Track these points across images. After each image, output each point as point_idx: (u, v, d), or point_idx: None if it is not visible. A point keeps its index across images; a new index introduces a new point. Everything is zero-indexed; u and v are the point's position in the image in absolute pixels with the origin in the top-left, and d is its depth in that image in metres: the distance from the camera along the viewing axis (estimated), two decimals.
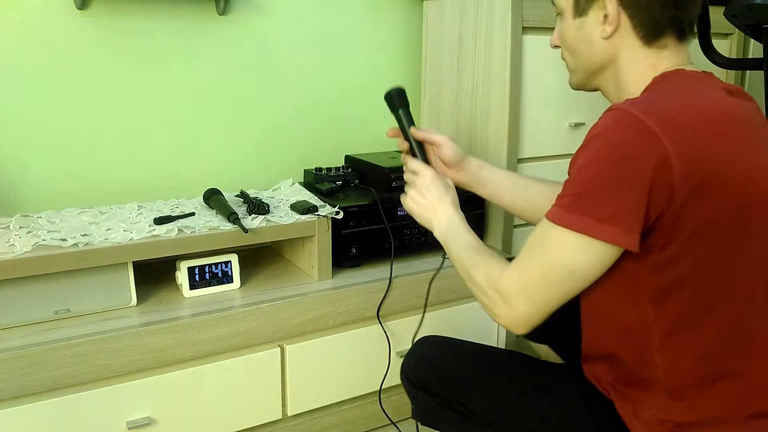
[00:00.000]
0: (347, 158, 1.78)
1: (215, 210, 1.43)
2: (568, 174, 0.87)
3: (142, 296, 1.36)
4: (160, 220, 1.35)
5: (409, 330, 1.53)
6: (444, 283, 1.55)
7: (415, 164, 1.15)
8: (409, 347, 1.53)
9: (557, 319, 1.28)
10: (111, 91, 1.56)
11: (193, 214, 1.43)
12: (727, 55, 1.77)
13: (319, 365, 1.43)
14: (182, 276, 1.37)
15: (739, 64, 1.75)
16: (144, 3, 1.55)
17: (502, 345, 1.69)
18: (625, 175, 0.78)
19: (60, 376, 1.16)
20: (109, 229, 1.32)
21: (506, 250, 1.68)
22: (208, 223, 1.37)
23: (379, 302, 1.47)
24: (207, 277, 1.40)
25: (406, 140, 1.21)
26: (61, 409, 1.17)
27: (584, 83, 1.00)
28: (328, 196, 1.56)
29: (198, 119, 1.68)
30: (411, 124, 1.21)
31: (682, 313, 0.84)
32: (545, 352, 1.33)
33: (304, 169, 1.72)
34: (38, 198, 1.52)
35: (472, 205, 1.66)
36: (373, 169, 1.63)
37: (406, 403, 1.58)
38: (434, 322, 1.56)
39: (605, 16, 0.90)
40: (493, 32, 1.60)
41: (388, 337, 1.49)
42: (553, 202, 0.99)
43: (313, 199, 1.52)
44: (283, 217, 1.42)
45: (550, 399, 0.98)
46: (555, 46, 1.03)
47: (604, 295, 0.90)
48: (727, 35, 1.98)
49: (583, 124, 1.73)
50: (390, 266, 1.51)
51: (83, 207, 1.51)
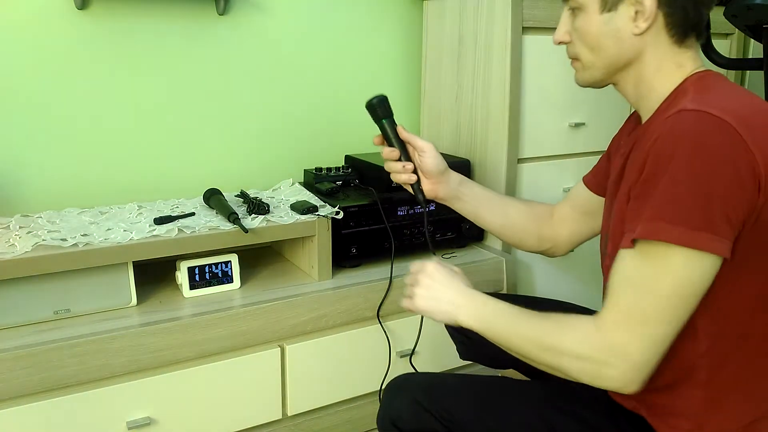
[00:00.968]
0: (347, 158, 1.78)
1: (215, 210, 1.43)
2: (640, 188, 0.81)
3: (142, 296, 1.36)
4: (160, 220, 1.35)
5: (408, 330, 1.53)
6: None
7: (414, 265, 1.05)
8: (410, 348, 1.53)
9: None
10: (111, 91, 1.56)
11: (193, 214, 1.43)
12: (727, 55, 1.77)
13: (319, 365, 1.43)
14: (182, 276, 1.37)
15: (739, 64, 1.75)
16: (144, 3, 1.55)
17: None
18: (727, 182, 0.75)
19: (60, 376, 1.16)
20: (109, 229, 1.32)
21: (506, 250, 1.68)
22: (208, 223, 1.36)
23: (379, 302, 1.47)
24: (207, 277, 1.40)
25: (392, 146, 1.17)
26: (61, 409, 1.17)
27: (600, 80, 0.96)
28: (328, 196, 1.56)
29: (198, 119, 1.68)
30: (394, 130, 1.17)
31: (734, 317, 0.83)
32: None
33: (304, 169, 1.72)
34: (38, 198, 1.52)
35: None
36: (373, 169, 1.63)
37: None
38: (431, 324, 1.56)
39: (636, 12, 0.88)
40: (493, 32, 1.60)
41: (388, 337, 1.49)
42: (529, 221, 0.97)
43: (313, 199, 1.52)
44: (283, 217, 1.42)
45: (576, 423, 0.94)
46: (561, 42, 0.99)
47: None
48: (727, 35, 1.98)
49: (583, 124, 1.73)
50: (390, 266, 1.51)
51: (83, 207, 1.51)
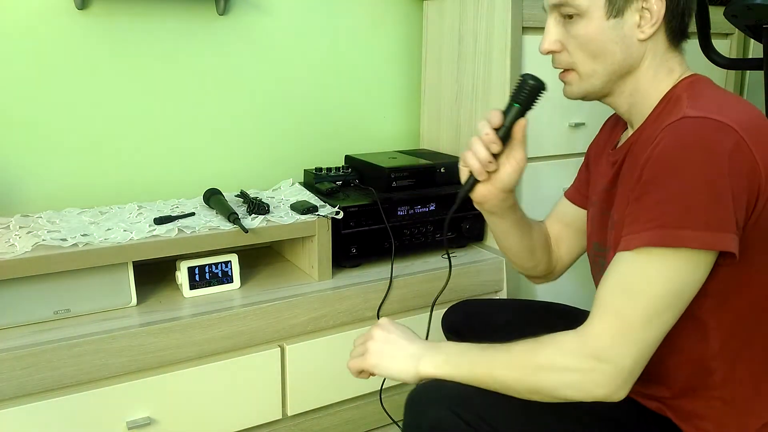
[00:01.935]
0: (347, 158, 1.78)
1: (215, 210, 1.43)
2: (637, 193, 0.80)
3: (142, 296, 1.36)
4: (160, 220, 1.35)
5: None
6: (443, 283, 1.54)
7: (362, 337, 1.02)
8: None
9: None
10: (111, 91, 1.56)
11: (193, 214, 1.43)
12: (727, 55, 1.77)
13: (319, 365, 1.43)
14: (182, 276, 1.37)
15: (739, 64, 1.75)
16: (144, 3, 1.56)
17: None
18: (734, 184, 0.75)
19: (60, 376, 1.16)
20: (109, 229, 1.32)
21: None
22: (208, 223, 1.37)
23: (380, 302, 1.47)
24: (207, 277, 1.40)
25: (499, 131, 1.00)
26: (61, 409, 1.17)
27: (599, 90, 0.93)
28: (328, 196, 1.56)
29: (198, 119, 1.68)
30: (515, 120, 1.01)
31: (743, 315, 0.83)
32: None
33: (304, 169, 1.72)
34: (38, 198, 1.52)
35: (473, 204, 1.65)
36: (373, 169, 1.63)
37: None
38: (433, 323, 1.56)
39: (641, 18, 0.87)
40: (493, 32, 1.60)
41: None
42: (544, 246, 0.95)
43: (313, 199, 1.52)
44: (283, 217, 1.42)
45: (607, 427, 0.92)
46: (550, 52, 0.95)
47: None
48: (727, 35, 1.98)
49: (583, 124, 1.73)
50: (390, 266, 1.51)
51: (83, 207, 1.51)
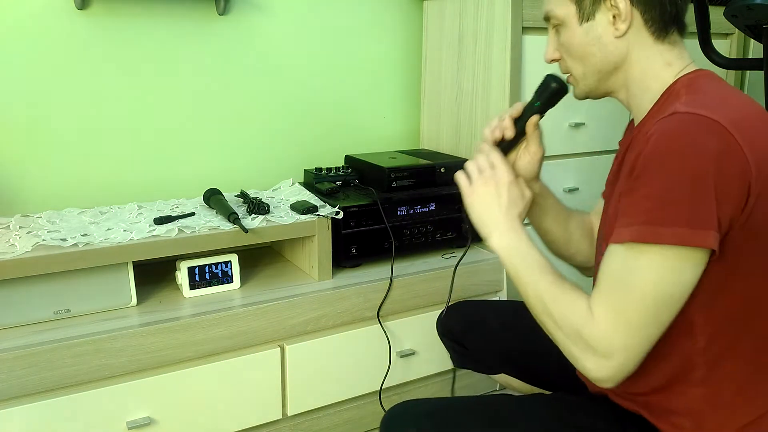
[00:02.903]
0: (347, 158, 1.78)
1: (215, 210, 1.43)
2: (628, 186, 0.81)
3: (142, 296, 1.36)
4: (160, 220, 1.35)
5: (408, 330, 1.53)
6: (444, 283, 1.55)
7: (496, 156, 1.01)
8: (410, 348, 1.53)
9: (505, 345, 1.24)
10: (111, 91, 1.56)
11: (193, 214, 1.43)
12: (727, 55, 1.77)
13: (319, 365, 1.43)
14: (182, 276, 1.37)
15: (739, 64, 1.75)
16: (144, 3, 1.55)
17: None
18: (715, 181, 0.75)
19: (60, 376, 1.16)
20: (109, 229, 1.32)
21: None
22: (208, 223, 1.36)
23: (379, 302, 1.47)
24: (207, 277, 1.40)
25: (516, 127, 1.04)
26: (61, 409, 1.17)
27: (594, 89, 0.97)
28: (328, 196, 1.56)
29: (198, 119, 1.68)
30: (529, 116, 1.05)
31: (731, 314, 0.83)
32: (505, 382, 1.32)
33: (304, 169, 1.72)
34: (38, 198, 1.52)
35: None
36: (373, 169, 1.63)
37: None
38: (431, 326, 1.56)
39: (614, 16, 0.90)
40: (493, 32, 1.60)
41: (388, 338, 1.49)
42: (584, 235, 0.94)
43: (313, 199, 1.52)
44: (283, 217, 1.42)
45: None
46: (552, 60, 1.00)
47: None
48: (727, 35, 1.98)
49: (583, 124, 1.73)
50: (391, 266, 1.51)
51: (83, 207, 1.51)
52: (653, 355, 0.87)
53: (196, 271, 1.38)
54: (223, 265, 1.41)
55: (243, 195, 1.52)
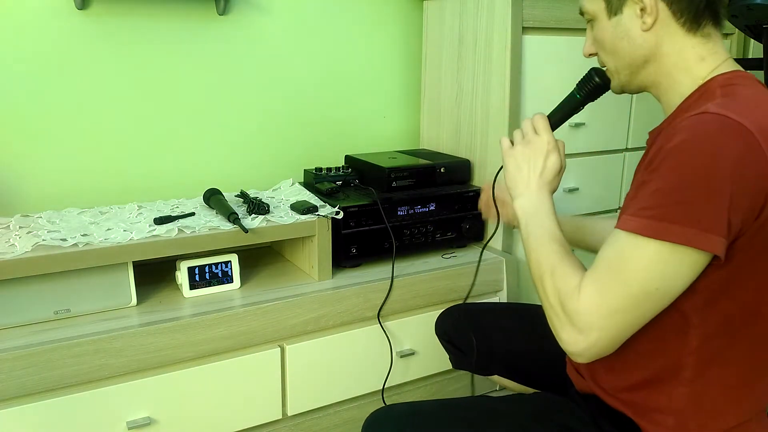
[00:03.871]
0: (347, 158, 1.78)
1: (215, 210, 1.43)
2: (644, 178, 0.81)
3: (142, 296, 1.36)
4: (160, 220, 1.35)
5: (408, 330, 1.53)
6: (444, 282, 1.55)
7: (543, 123, 1.02)
8: (410, 348, 1.53)
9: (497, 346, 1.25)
10: (111, 91, 1.56)
11: (193, 214, 1.43)
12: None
13: (319, 365, 1.43)
14: (182, 276, 1.37)
15: (739, 64, 1.75)
16: (144, 3, 1.55)
17: None
18: (732, 184, 0.75)
19: (60, 376, 1.16)
20: (109, 229, 1.32)
21: (506, 250, 1.68)
22: (208, 223, 1.36)
23: (380, 302, 1.46)
24: (207, 277, 1.40)
25: (557, 115, 1.07)
26: (61, 409, 1.17)
27: (628, 83, 0.97)
28: (328, 196, 1.56)
29: (198, 119, 1.68)
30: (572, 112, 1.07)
31: (728, 318, 0.83)
32: (501, 383, 1.32)
33: (304, 169, 1.72)
34: (38, 198, 1.52)
35: (473, 204, 1.66)
36: (373, 169, 1.63)
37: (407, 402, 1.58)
38: (430, 327, 1.56)
39: (641, 9, 0.89)
40: (493, 32, 1.60)
41: (388, 338, 1.49)
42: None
43: (313, 199, 1.52)
44: (283, 217, 1.42)
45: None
46: (590, 55, 1.01)
47: None
48: (727, 35, 1.98)
49: (583, 124, 1.73)
50: (392, 266, 1.51)
51: (83, 207, 1.51)
52: (644, 349, 0.87)
53: (196, 271, 1.38)
54: (223, 265, 1.41)
55: (243, 195, 1.52)
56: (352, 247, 1.51)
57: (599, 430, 0.93)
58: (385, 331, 1.49)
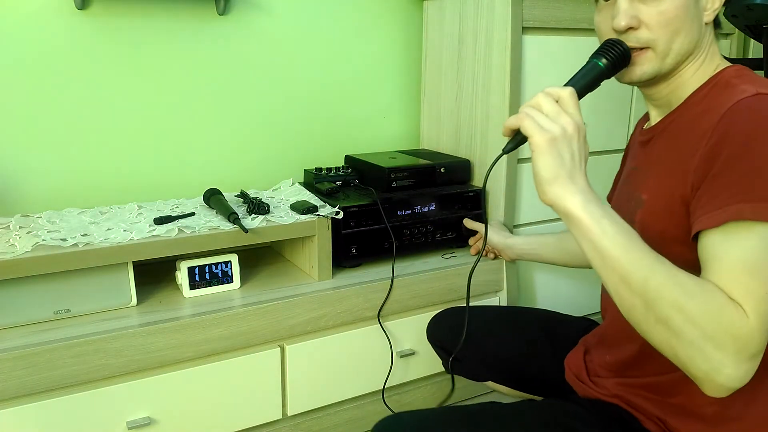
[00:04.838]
0: (347, 158, 1.78)
1: (215, 210, 1.43)
2: (725, 165, 0.75)
3: (142, 296, 1.36)
4: (160, 220, 1.35)
5: (409, 330, 1.53)
6: (444, 282, 1.55)
7: (575, 103, 0.84)
8: (410, 348, 1.53)
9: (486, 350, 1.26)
10: (111, 91, 1.56)
11: (193, 214, 1.43)
12: (727, 55, 1.77)
13: (319, 365, 1.43)
14: (182, 276, 1.37)
15: (739, 64, 1.75)
16: (144, 3, 1.56)
17: None
18: None
19: (60, 376, 1.16)
20: (109, 229, 1.32)
21: None
22: (208, 223, 1.36)
23: (380, 302, 1.46)
24: (207, 277, 1.40)
25: (580, 85, 0.91)
26: (61, 409, 1.17)
27: (669, 69, 0.90)
28: (328, 196, 1.56)
29: (198, 119, 1.68)
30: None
31: None
32: (494, 388, 1.32)
33: (304, 169, 1.72)
34: (38, 198, 1.52)
35: (473, 204, 1.66)
36: (373, 169, 1.63)
37: (407, 402, 1.58)
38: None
39: (707, 1, 0.89)
40: (493, 32, 1.60)
41: (388, 338, 1.49)
42: None
43: (313, 199, 1.52)
44: (283, 217, 1.42)
45: None
46: (629, 28, 0.87)
47: None
48: (727, 35, 1.98)
49: (584, 124, 1.72)
50: (392, 266, 1.51)
51: (83, 207, 1.51)
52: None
53: (196, 271, 1.38)
54: (223, 265, 1.41)
55: (243, 195, 1.52)
56: (352, 247, 1.51)
57: None
58: (385, 331, 1.49)
